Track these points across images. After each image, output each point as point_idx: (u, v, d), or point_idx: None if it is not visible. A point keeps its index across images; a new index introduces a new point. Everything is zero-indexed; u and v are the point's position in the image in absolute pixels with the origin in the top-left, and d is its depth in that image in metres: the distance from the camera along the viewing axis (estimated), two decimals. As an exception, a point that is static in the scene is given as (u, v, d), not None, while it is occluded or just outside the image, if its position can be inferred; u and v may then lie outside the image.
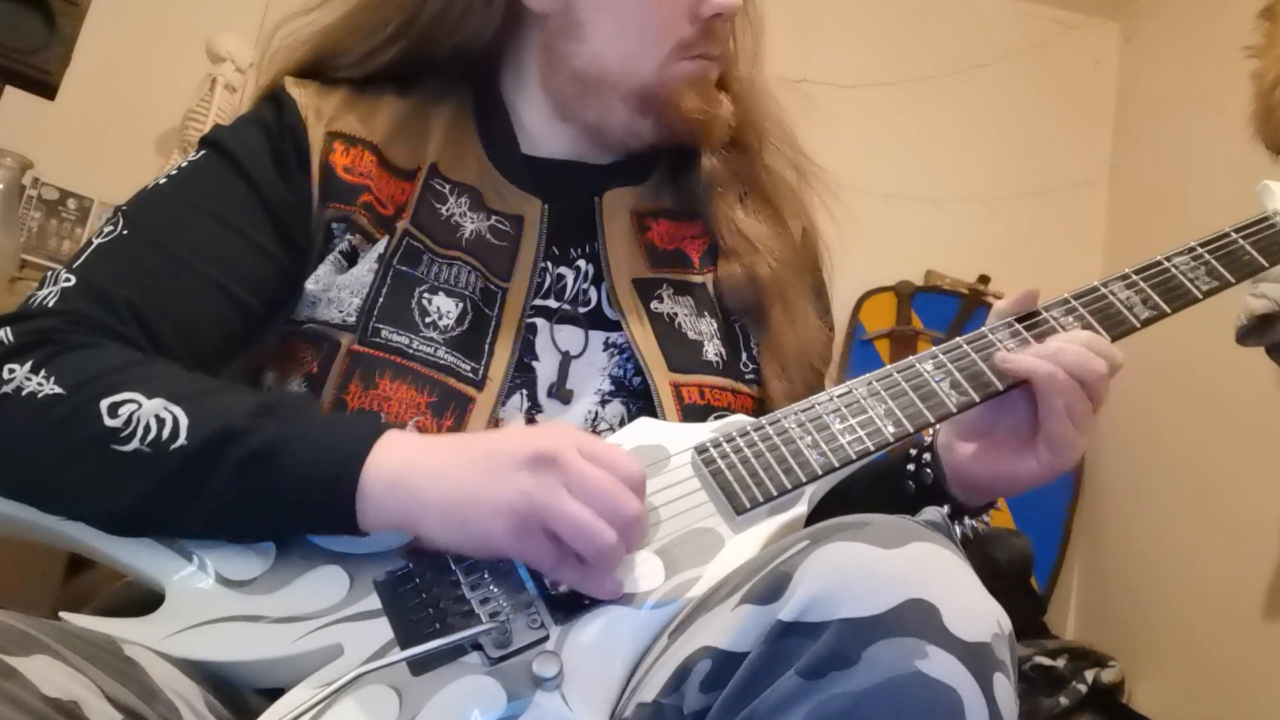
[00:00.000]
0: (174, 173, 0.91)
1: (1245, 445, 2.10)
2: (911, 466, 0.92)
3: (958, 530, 0.91)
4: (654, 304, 0.95)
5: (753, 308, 0.97)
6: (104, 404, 0.73)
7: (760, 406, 0.95)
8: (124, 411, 0.73)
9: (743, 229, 1.00)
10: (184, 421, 0.72)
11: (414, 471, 0.72)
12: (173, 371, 0.78)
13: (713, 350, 0.95)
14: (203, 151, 0.92)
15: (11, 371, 0.75)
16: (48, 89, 1.77)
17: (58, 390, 0.74)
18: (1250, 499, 2.07)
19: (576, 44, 0.95)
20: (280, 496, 0.72)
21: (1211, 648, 2.12)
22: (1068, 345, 0.84)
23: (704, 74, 0.97)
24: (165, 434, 0.72)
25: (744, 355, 0.97)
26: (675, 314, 0.96)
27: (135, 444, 0.72)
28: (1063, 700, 2.19)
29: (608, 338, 0.94)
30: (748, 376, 0.96)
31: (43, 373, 0.74)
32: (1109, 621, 2.48)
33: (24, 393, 0.74)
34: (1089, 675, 2.22)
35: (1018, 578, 2.34)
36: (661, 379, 0.90)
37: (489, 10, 0.96)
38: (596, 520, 0.69)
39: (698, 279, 0.99)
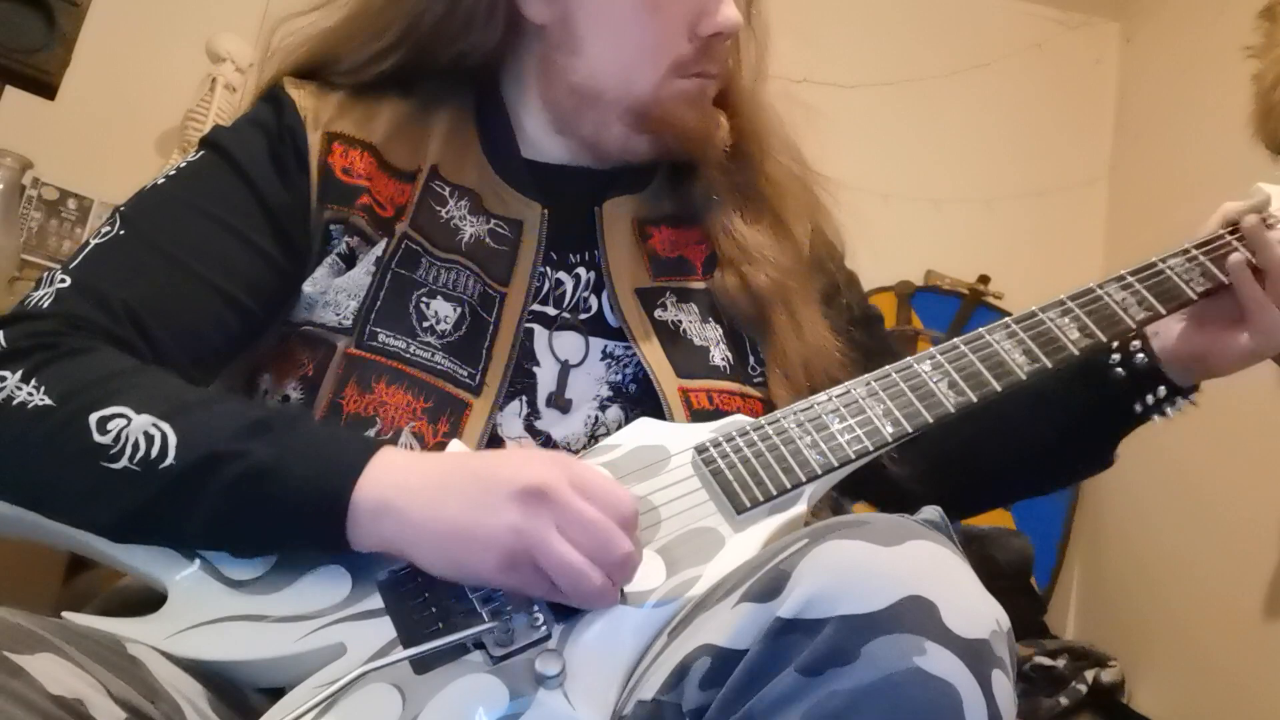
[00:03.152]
0: (173, 173, 0.90)
1: (1245, 445, 2.10)
2: (1117, 356, 0.96)
3: (1168, 412, 0.97)
4: (658, 312, 0.94)
5: (752, 317, 0.97)
6: (93, 418, 0.72)
7: (769, 410, 0.94)
8: (113, 427, 0.72)
9: (740, 238, 0.99)
10: (172, 440, 0.72)
11: (405, 497, 0.71)
12: (164, 382, 0.77)
13: (719, 355, 0.94)
14: (202, 152, 0.92)
15: (3, 380, 0.75)
16: (48, 89, 1.77)
17: (48, 402, 0.73)
18: (1250, 499, 2.07)
19: (574, 58, 0.94)
20: (269, 520, 0.72)
21: (1211, 648, 2.12)
22: None
23: (701, 92, 0.96)
24: (154, 452, 0.71)
25: (751, 359, 0.96)
26: (679, 321, 0.95)
27: (124, 462, 0.71)
28: (1063, 700, 2.19)
29: (607, 347, 0.93)
30: (756, 380, 0.95)
31: (33, 381, 0.74)
32: (1109, 621, 2.48)
33: (14, 402, 0.74)
34: (1089, 675, 2.22)
35: (1018, 578, 2.35)
36: (670, 385, 0.90)
37: (491, 22, 0.94)
38: (584, 563, 0.68)
39: (701, 285, 0.98)
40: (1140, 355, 0.95)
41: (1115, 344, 0.94)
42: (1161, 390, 0.95)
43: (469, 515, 0.70)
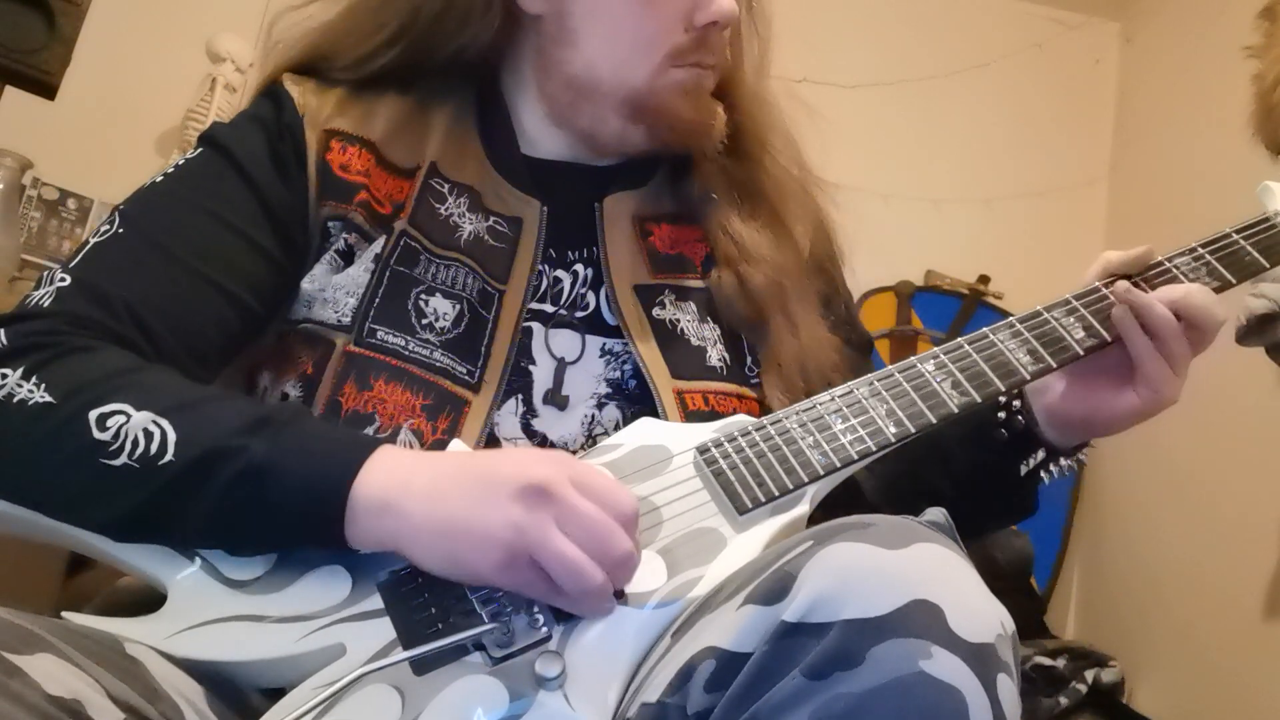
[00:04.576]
0: (172, 170, 0.90)
1: (1245, 445, 2.10)
2: (1002, 414, 0.92)
3: (1053, 472, 0.93)
4: (656, 310, 0.94)
5: (748, 317, 0.96)
6: (93, 415, 0.72)
7: (766, 411, 0.93)
8: (112, 424, 0.72)
9: (737, 237, 0.98)
10: (171, 437, 0.72)
11: (404, 495, 0.71)
12: (165, 380, 0.77)
13: (716, 356, 0.94)
14: (201, 149, 0.92)
15: (4, 377, 0.74)
16: (48, 89, 1.77)
17: (49, 399, 0.73)
18: (1250, 499, 2.07)
19: (570, 50, 0.94)
20: (267, 517, 0.72)
21: (1211, 648, 2.12)
22: (1194, 291, 0.86)
23: (697, 83, 0.96)
24: (153, 449, 0.71)
25: (749, 359, 0.96)
26: (678, 320, 0.95)
27: (123, 459, 0.71)
28: (1063, 700, 2.19)
29: (605, 344, 0.93)
30: (753, 380, 0.95)
31: (34, 379, 0.74)
32: (1109, 621, 2.48)
33: (15, 400, 0.74)
34: (1089, 675, 2.22)
35: (1018, 578, 2.35)
36: (665, 386, 0.89)
37: (487, 15, 0.94)
38: (585, 560, 0.68)
39: (700, 284, 0.98)
40: (1019, 416, 0.91)
41: (1003, 400, 0.90)
42: (1040, 453, 0.92)
43: (469, 512, 0.70)
